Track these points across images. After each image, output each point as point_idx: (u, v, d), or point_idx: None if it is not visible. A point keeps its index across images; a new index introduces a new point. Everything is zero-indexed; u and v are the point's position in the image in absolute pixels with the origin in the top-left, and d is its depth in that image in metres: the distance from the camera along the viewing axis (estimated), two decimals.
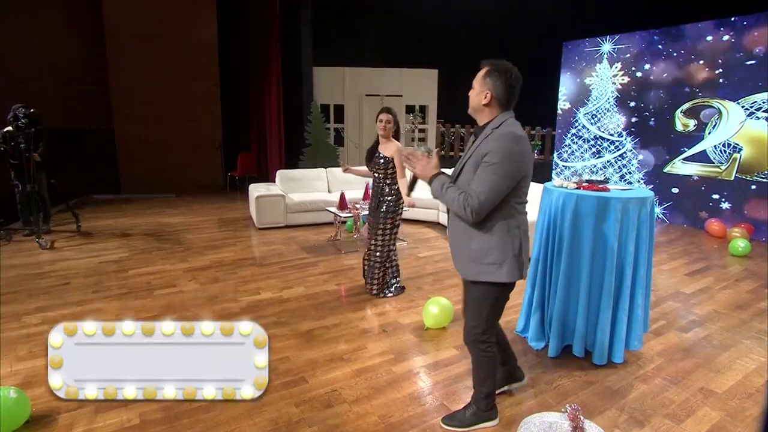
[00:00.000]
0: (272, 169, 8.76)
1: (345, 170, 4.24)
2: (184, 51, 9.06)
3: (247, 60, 9.00)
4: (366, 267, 4.20)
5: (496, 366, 2.41)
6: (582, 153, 8.98)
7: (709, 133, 6.99)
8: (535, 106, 9.60)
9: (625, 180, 8.26)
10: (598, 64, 8.41)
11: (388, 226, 3.98)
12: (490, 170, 2.00)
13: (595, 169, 8.71)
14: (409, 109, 9.64)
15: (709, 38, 6.89)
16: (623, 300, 3.03)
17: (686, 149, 7.29)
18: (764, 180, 6.48)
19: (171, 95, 9.14)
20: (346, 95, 9.32)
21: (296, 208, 6.58)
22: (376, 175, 4.00)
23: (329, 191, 7.25)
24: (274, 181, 7.75)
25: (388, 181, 3.93)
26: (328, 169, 7.44)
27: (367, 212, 5.65)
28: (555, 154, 9.51)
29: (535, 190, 6.25)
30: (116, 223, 6.80)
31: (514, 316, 3.88)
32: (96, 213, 7.45)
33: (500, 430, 2.46)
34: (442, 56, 9.68)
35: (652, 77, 7.68)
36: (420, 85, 9.45)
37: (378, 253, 4.06)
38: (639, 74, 7.86)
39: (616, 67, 8.18)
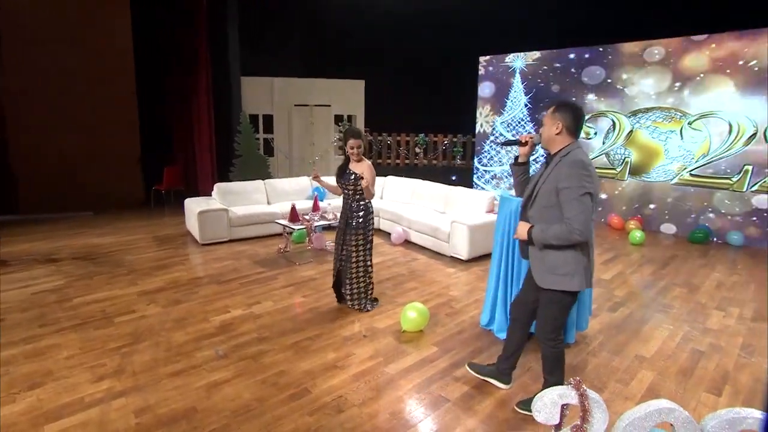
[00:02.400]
0: (202, 183, 8.48)
1: (315, 177, 4.38)
2: (95, 56, 8.41)
3: (170, 69, 8.59)
4: (346, 280, 4.29)
5: (563, 359, 2.75)
6: (500, 158, 9.87)
7: (607, 140, 8.14)
8: (456, 115, 10.38)
9: None
10: (511, 78, 9.33)
11: (360, 241, 4.16)
12: (571, 194, 2.37)
13: None
14: (338, 119, 9.87)
15: (608, 58, 8.04)
16: None
17: (589, 154, 8.41)
18: (650, 180, 7.72)
19: (81, 103, 8.42)
20: (275, 105, 9.29)
21: (240, 221, 6.50)
22: (346, 191, 4.18)
23: (269, 203, 7.24)
24: (208, 195, 7.58)
25: (357, 197, 4.13)
26: (267, 180, 7.42)
27: (319, 223, 5.84)
28: (476, 160, 10.32)
29: (467, 194, 6.78)
30: (34, 248, 6.19)
31: (477, 310, 4.34)
32: (1, 238, 6.68)
33: (495, 406, 2.85)
34: (369, 68, 10.04)
35: (557, 90, 8.72)
36: (348, 96, 9.72)
37: (355, 269, 4.20)
38: (547, 87, 8.88)
39: (527, 81, 9.14)
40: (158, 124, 8.83)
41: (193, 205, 6.50)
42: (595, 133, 8.27)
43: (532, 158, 3.07)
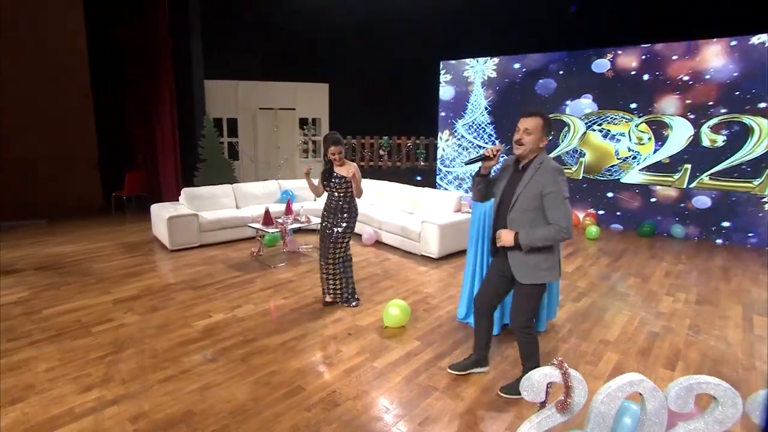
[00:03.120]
0: (166, 188, 8.30)
1: (307, 172, 4.46)
2: (47, 57, 8.05)
3: (130, 71, 8.35)
4: (330, 278, 4.42)
5: (538, 344, 2.98)
6: (462, 160, 10.21)
7: (562, 141, 8.63)
8: (419, 118, 10.65)
9: None
10: (472, 82, 9.68)
11: (347, 240, 4.32)
12: (556, 198, 2.62)
13: None
14: (302, 122, 9.90)
15: (563, 64, 8.52)
16: None
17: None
18: (602, 179, 8.26)
19: (32, 106, 8.04)
20: (239, 109, 9.21)
21: (210, 226, 6.46)
22: (335, 194, 4.29)
23: (237, 207, 7.21)
24: (173, 200, 7.47)
25: (347, 199, 4.27)
26: (235, 185, 7.38)
27: (293, 226, 5.91)
28: (438, 161, 10.63)
29: (435, 195, 6.94)
30: None
31: (453, 305, 4.56)
32: None
33: (480, 392, 3.05)
34: (333, 71, 10.14)
35: (515, 94, 9.15)
36: (312, 99, 9.78)
37: (341, 266, 4.38)
38: (506, 91, 9.29)
39: (487, 85, 9.53)
40: (118, 129, 8.55)
41: (161, 211, 6.39)
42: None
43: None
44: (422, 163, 11.18)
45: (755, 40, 6.69)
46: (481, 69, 9.55)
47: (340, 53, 10.42)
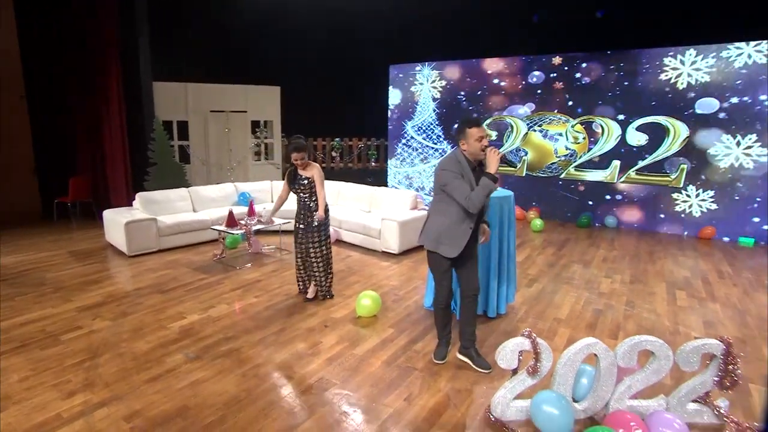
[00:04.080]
0: (115, 193, 8.01)
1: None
2: None
3: (73, 74, 7.95)
4: (316, 274, 4.62)
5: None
6: (412, 160, 10.60)
7: (506, 141, 9.23)
8: (369, 120, 10.92)
9: None
10: (420, 85, 10.09)
11: (323, 237, 4.51)
12: None
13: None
14: (255, 125, 9.88)
15: (506, 69, 9.11)
16: (503, 269, 4.27)
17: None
18: (543, 176, 8.93)
19: None
20: (190, 111, 9.04)
21: (169, 230, 6.37)
22: (302, 195, 4.46)
23: (194, 210, 7.14)
24: (124, 205, 7.29)
25: (314, 198, 4.45)
26: (191, 188, 7.30)
27: (257, 227, 5.99)
28: (389, 162, 10.96)
29: (392, 193, 7.24)
30: None
31: (419, 296, 4.87)
32: None
33: (456, 368, 3.37)
34: (284, 74, 10.17)
35: (461, 97, 9.65)
36: (264, 102, 9.76)
37: (321, 263, 4.57)
38: (452, 94, 9.77)
39: (434, 88, 9.97)
40: (59, 133, 8.14)
41: (116, 216, 6.23)
42: (496, 135, 9.32)
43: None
44: (374, 164, 11.48)
45: (668, 53, 7.57)
46: (428, 73, 9.98)
47: (292, 57, 10.49)
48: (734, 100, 7.17)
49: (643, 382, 2.75)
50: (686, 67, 7.45)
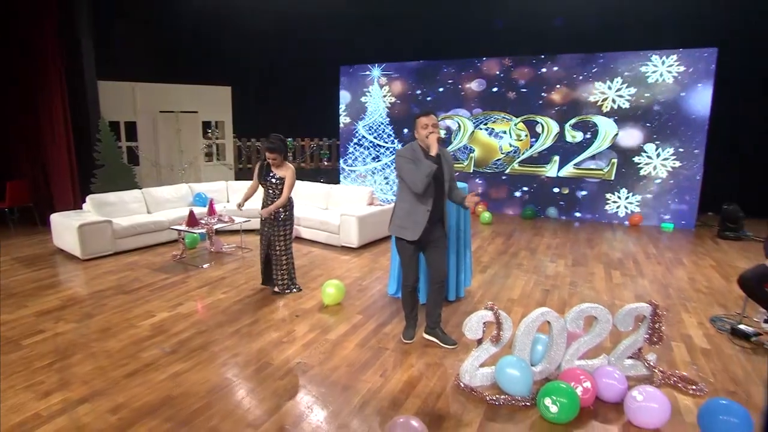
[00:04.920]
0: (59, 196, 7.67)
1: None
2: None
3: (8, 72, 7.51)
4: (274, 267, 4.76)
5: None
6: (364, 159, 10.85)
7: (454, 139, 9.70)
8: (321, 121, 11.06)
9: None
10: (371, 86, 10.36)
11: (288, 232, 4.66)
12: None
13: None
14: (206, 126, 9.75)
15: (453, 71, 9.56)
16: (461, 257, 4.62)
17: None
18: (489, 171, 9.47)
19: None
20: (138, 112, 8.80)
21: (125, 233, 6.24)
22: (271, 191, 4.59)
23: (149, 212, 7.02)
24: (69, 209, 7.08)
25: (280, 195, 4.60)
26: (144, 189, 7.17)
27: (218, 226, 6.03)
28: (341, 161, 11.15)
29: (348, 190, 7.50)
30: None
31: (381, 285, 5.13)
32: None
33: (423, 345, 3.65)
34: (235, 75, 10.09)
35: (410, 98, 10.02)
36: (215, 102, 9.66)
37: (284, 257, 4.72)
38: (402, 94, 10.12)
39: (384, 89, 10.27)
40: None
41: (67, 220, 6.04)
42: (447, 133, 9.77)
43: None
44: (326, 163, 11.62)
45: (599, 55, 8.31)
46: (378, 73, 10.27)
47: (243, 57, 10.42)
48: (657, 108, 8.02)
49: (588, 344, 3.16)
50: (612, 92, 8.24)
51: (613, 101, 8.29)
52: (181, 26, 9.47)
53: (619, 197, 8.53)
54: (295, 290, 4.87)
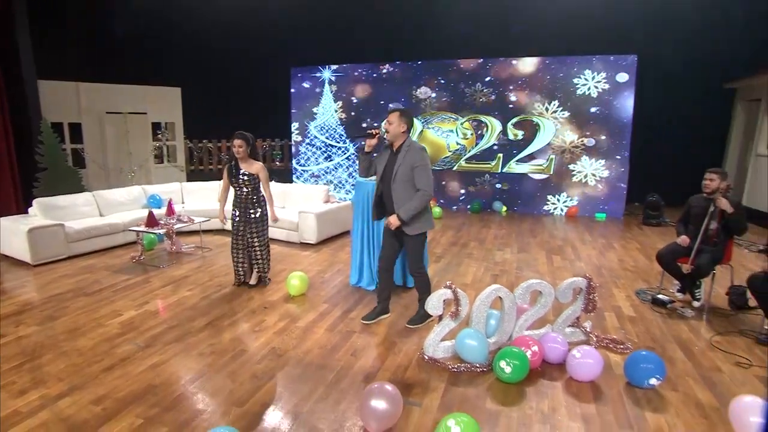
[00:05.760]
0: (1, 201, 7.33)
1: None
2: None
3: None
4: (254, 262, 4.99)
5: (429, 282, 4.00)
6: (317, 158, 11.03)
7: None
8: (274, 120, 11.13)
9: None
10: (321, 87, 10.56)
11: (262, 228, 4.85)
12: (422, 170, 3.61)
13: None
14: (156, 127, 9.57)
15: (401, 73, 9.94)
16: None
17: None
18: (438, 168, 9.95)
19: None
20: (83, 112, 8.51)
21: (79, 236, 6.12)
22: (243, 189, 4.73)
23: (101, 215, 6.88)
24: (17, 213, 6.81)
25: (254, 194, 4.76)
26: (96, 192, 7.02)
27: (179, 226, 6.08)
28: (294, 161, 11.27)
29: (304, 189, 7.74)
30: None
31: (343, 276, 5.40)
32: None
33: (388, 327, 3.97)
34: (185, 75, 9.95)
35: (357, 99, 10.32)
36: (164, 103, 9.50)
37: (264, 250, 4.93)
38: (352, 96, 10.40)
39: (334, 90, 10.50)
40: None
41: (14, 224, 5.85)
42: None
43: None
44: (278, 164, 11.69)
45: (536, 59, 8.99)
46: (329, 75, 10.50)
47: (193, 57, 10.28)
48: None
49: (535, 316, 3.60)
50: (548, 95, 8.96)
51: (549, 103, 9.00)
52: (128, 25, 9.25)
53: (558, 199, 9.27)
54: (267, 282, 5.07)
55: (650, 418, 2.78)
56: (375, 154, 4.00)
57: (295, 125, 11.00)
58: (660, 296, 4.56)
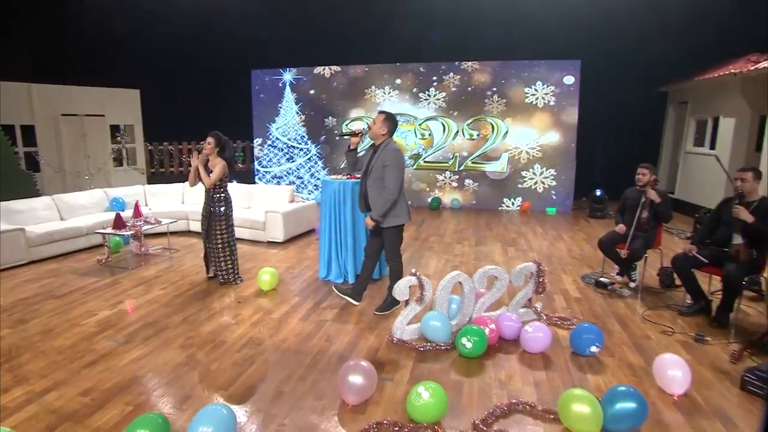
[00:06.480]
0: None
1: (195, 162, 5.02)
2: None
3: None
4: (212, 259, 5.12)
5: (402, 271, 4.25)
6: (279, 159, 11.16)
7: (366, 139, 10.39)
8: (236, 122, 11.16)
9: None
10: (283, 90, 10.70)
11: (224, 226, 5.00)
12: (390, 169, 3.90)
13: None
14: (114, 129, 9.42)
15: (363, 75, 10.23)
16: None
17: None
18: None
19: None
20: (36, 115, 8.28)
21: (41, 240, 6.04)
22: (209, 190, 4.89)
23: (62, 218, 6.80)
24: None
25: (220, 191, 4.92)
26: (56, 196, 6.92)
27: (147, 227, 6.14)
28: (255, 162, 11.34)
29: (269, 189, 7.92)
30: None
31: (311, 271, 5.65)
32: None
33: (358, 315, 4.26)
34: (144, 77, 9.84)
35: (318, 101, 10.55)
36: (123, 105, 9.36)
37: (226, 250, 5.07)
38: (313, 98, 10.61)
39: (296, 92, 10.67)
40: None
41: None
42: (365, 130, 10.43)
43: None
44: (240, 166, 11.71)
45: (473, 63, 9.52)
46: (290, 77, 10.66)
47: (152, 59, 10.18)
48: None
49: (492, 298, 3.99)
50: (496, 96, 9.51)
51: (500, 104, 9.56)
52: (83, 25, 9.07)
53: (512, 202, 9.86)
54: (239, 281, 5.22)
55: (591, 379, 3.22)
56: (361, 152, 4.34)
57: (257, 127, 11.09)
58: (602, 279, 5.09)
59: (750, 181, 3.94)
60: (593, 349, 3.44)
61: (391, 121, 4.16)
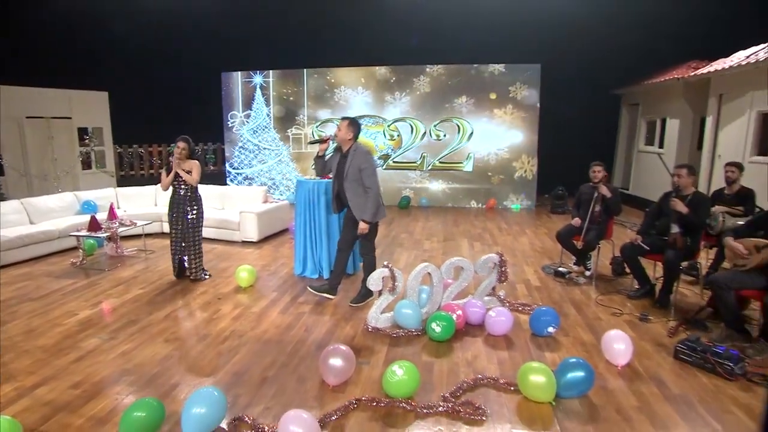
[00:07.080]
0: None
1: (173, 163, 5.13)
2: None
3: None
4: (184, 258, 5.30)
5: (375, 265, 4.47)
6: (250, 161, 11.25)
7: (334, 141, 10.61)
8: (207, 124, 11.20)
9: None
10: (253, 92, 10.81)
11: (197, 229, 5.18)
12: (368, 171, 4.20)
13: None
14: (82, 132, 9.32)
15: (333, 78, 10.45)
16: (357, 241, 5.55)
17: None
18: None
19: None
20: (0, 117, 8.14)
21: (11, 244, 6.00)
22: (181, 189, 5.05)
23: (32, 222, 6.76)
24: None
25: (190, 194, 5.09)
26: (24, 200, 6.86)
27: (123, 229, 6.21)
28: (227, 164, 11.39)
29: (243, 190, 8.04)
30: None
31: (287, 268, 5.86)
32: None
33: (334, 307, 4.51)
34: (112, 79, 9.74)
35: (289, 105, 10.72)
36: (91, 108, 9.27)
37: (194, 248, 5.25)
38: (285, 100, 10.76)
39: (266, 95, 10.80)
40: None
41: None
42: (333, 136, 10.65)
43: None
44: (212, 167, 11.75)
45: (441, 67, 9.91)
46: (260, 80, 10.78)
47: (121, 61, 10.10)
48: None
49: (458, 287, 4.32)
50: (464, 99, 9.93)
51: (465, 107, 9.98)
52: (49, 25, 8.94)
53: (480, 205, 10.30)
54: (207, 276, 5.40)
55: (548, 356, 3.58)
56: (327, 157, 4.58)
57: (228, 126, 11.16)
58: (560, 269, 5.51)
59: (685, 176, 4.41)
60: (550, 329, 3.82)
61: (355, 125, 4.45)
